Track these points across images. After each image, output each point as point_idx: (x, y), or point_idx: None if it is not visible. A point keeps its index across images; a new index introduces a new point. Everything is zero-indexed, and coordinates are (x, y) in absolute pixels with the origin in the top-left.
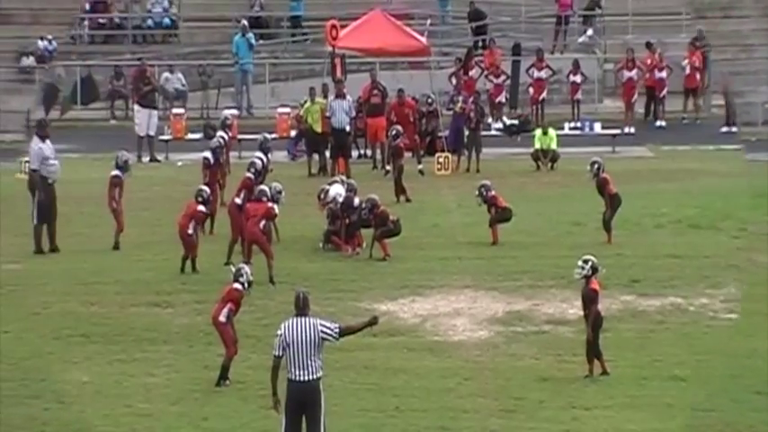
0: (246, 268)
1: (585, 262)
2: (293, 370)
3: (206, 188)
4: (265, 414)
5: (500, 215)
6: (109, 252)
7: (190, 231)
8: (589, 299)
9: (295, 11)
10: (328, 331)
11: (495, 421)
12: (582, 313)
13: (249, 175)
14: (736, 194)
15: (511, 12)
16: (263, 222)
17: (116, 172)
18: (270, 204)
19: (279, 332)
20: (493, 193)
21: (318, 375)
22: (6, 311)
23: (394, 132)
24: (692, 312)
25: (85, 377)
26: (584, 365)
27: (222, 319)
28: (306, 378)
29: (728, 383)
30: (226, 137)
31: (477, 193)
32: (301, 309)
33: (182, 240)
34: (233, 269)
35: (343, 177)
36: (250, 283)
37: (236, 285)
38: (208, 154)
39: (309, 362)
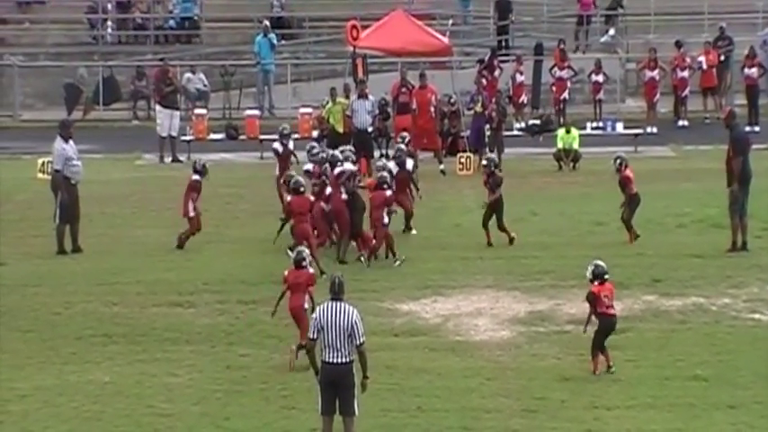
0: (307, 250)
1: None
2: (326, 352)
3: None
4: (287, 414)
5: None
6: (131, 252)
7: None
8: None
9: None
10: (357, 333)
11: (518, 421)
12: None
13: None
14: (758, 194)
15: (533, 11)
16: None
17: (196, 176)
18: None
19: (314, 315)
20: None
21: (351, 359)
22: (29, 312)
23: (401, 139)
24: (714, 312)
25: (107, 377)
26: (602, 363)
27: (307, 306)
28: (338, 361)
29: (751, 384)
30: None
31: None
32: (336, 293)
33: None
34: (290, 253)
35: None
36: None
37: (311, 270)
38: (276, 145)
39: (341, 346)
